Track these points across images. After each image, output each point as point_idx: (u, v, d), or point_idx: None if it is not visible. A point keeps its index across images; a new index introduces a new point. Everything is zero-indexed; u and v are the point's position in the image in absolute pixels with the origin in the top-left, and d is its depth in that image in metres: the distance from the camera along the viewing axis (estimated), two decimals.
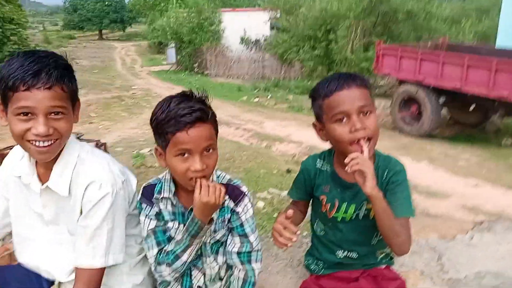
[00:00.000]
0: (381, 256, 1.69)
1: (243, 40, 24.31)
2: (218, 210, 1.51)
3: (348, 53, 16.53)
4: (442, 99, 10.12)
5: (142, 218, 1.54)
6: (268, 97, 15.59)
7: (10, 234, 2.94)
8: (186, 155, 1.37)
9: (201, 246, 1.52)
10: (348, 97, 1.42)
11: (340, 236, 1.65)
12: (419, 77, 9.99)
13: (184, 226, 1.48)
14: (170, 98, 1.42)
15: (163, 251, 1.52)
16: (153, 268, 1.55)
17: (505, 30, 12.26)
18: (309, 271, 1.80)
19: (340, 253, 1.66)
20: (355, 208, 1.60)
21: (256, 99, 15.27)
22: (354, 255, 1.66)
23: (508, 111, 8.94)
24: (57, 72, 1.27)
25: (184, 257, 1.47)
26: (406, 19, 17.39)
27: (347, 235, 1.64)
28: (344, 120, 1.43)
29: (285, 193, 5.84)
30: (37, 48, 14.09)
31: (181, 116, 1.34)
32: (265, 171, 6.97)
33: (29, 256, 1.56)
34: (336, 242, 1.66)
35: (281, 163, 7.70)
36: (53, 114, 1.28)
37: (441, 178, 6.83)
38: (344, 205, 1.60)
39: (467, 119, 11.12)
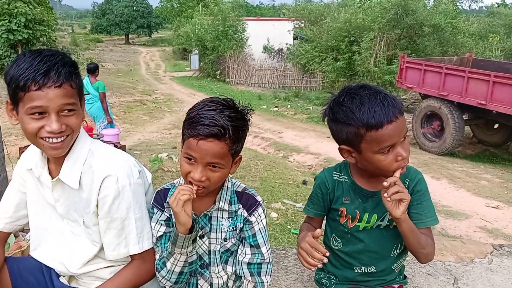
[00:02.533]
0: (397, 273, 1.64)
1: (266, 49, 24.44)
2: (229, 218, 1.50)
3: (371, 65, 16.42)
4: (465, 116, 9.93)
5: (153, 223, 1.53)
6: (288, 106, 15.59)
7: (22, 230, 3.00)
8: (191, 160, 1.37)
9: (194, 260, 1.49)
10: (396, 129, 1.35)
11: (361, 247, 1.60)
12: (443, 93, 9.83)
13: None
14: (209, 101, 1.39)
15: (160, 257, 1.50)
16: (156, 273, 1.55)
17: None
18: (319, 285, 1.76)
19: (358, 269, 1.62)
20: (377, 218, 1.55)
21: (276, 108, 15.27)
22: (372, 269, 1.61)
23: None
24: (66, 70, 1.29)
25: (168, 265, 1.44)
26: (432, 33, 17.20)
27: (369, 245, 1.59)
28: (386, 151, 1.38)
29: (300, 205, 5.79)
30: (56, 48, 14.45)
31: (200, 125, 1.32)
32: (280, 181, 6.94)
33: (45, 248, 1.58)
34: (355, 256, 1.61)
35: (297, 174, 7.65)
36: (65, 111, 1.30)
37: (461, 198, 6.66)
38: (366, 215, 1.56)
39: (491, 138, 10.88)
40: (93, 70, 7.57)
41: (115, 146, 6.47)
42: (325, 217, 1.72)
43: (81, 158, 1.41)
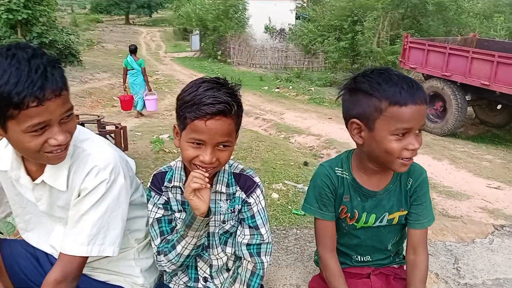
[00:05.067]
0: (394, 256, 1.64)
1: (268, 29, 24.15)
2: (228, 200, 1.48)
3: (374, 45, 16.20)
4: (468, 97, 9.84)
5: (149, 206, 1.51)
6: (290, 88, 15.49)
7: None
8: (199, 144, 1.32)
9: (202, 243, 1.47)
10: (418, 114, 1.28)
11: (357, 242, 1.56)
12: (446, 73, 9.72)
13: None
14: (201, 82, 1.35)
15: (164, 240, 1.50)
16: (155, 258, 1.52)
17: None
18: (319, 267, 1.76)
19: (354, 257, 1.60)
20: (375, 219, 1.50)
21: (277, 90, 15.18)
22: (368, 258, 1.61)
23: None
24: (58, 72, 1.14)
25: (179, 248, 1.43)
26: (436, 13, 16.90)
27: (364, 241, 1.56)
28: (401, 135, 1.29)
29: (301, 185, 5.80)
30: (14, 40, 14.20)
31: (204, 105, 1.27)
32: (282, 162, 6.94)
33: (34, 233, 1.54)
34: (350, 247, 1.60)
35: (298, 155, 7.65)
36: (65, 118, 1.19)
37: (463, 179, 6.65)
38: (364, 215, 1.50)
39: (493, 119, 10.82)
40: (134, 50, 10.09)
41: (116, 127, 6.46)
42: None
43: (68, 157, 1.30)
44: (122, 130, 6.22)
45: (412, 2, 16.69)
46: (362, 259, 1.61)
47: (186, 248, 1.43)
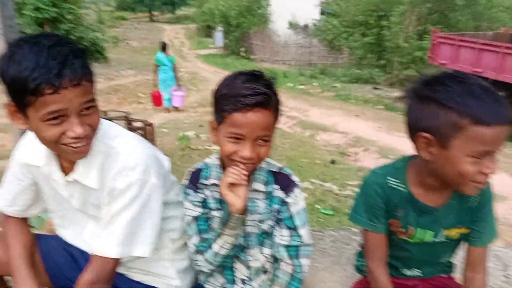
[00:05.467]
0: (444, 267, 1.56)
1: (291, 25, 23.96)
2: (266, 199, 1.43)
3: (400, 41, 15.88)
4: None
5: (186, 204, 1.47)
6: (314, 84, 15.34)
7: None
8: (238, 139, 1.28)
9: (237, 243, 1.43)
10: (502, 136, 1.13)
11: (407, 255, 1.46)
12: (477, 69, 9.43)
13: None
14: (238, 74, 1.32)
15: (201, 239, 1.46)
16: (192, 257, 1.50)
17: None
18: (360, 273, 1.69)
19: (401, 269, 1.50)
20: (431, 235, 1.39)
21: (302, 86, 15.06)
22: (418, 272, 1.51)
23: None
24: (80, 62, 1.11)
25: (215, 247, 1.39)
26: (465, 7, 16.43)
27: (415, 255, 1.46)
28: (479, 157, 1.15)
29: (328, 184, 5.71)
30: (43, 31, 14.48)
31: (242, 96, 1.24)
32: (307, 160, 6.86)
33: (68, 233, 1.54)
34: (399, 259, 1.49)
35: (324, 153, 7.55)
36: (84, 110, 1.15)
37: (500, 180, 6.42)
38: (419, 232, 1.39)
39: None
40: (165, 47, 10.43)
41: (144, 124, 6.51)
42: None
43: (98, 153, 1.28)
44: (149, 127, 6.26)
45: None
46: (410, 273, 1.52)
47: (223, 247, 1.40)
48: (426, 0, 16.51)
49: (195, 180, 1.48)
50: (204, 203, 1.47)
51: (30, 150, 1.37)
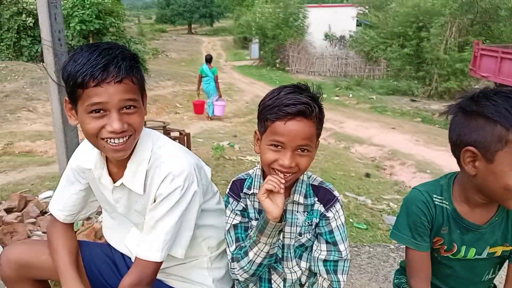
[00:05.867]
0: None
1: (327, 36, 23.91)
2: (305, 212, 1.44)
3: (441, 52, 15.49)
4: None
5: (227, 212, 1.51)
6: (350, 96, 15.18)
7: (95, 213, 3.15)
8: (278, 147, 1.31)
9: (274, 252, 1.43)
10: None
11: (449, 272, 1.44)
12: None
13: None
14: (283, 87, 1.36)
15: (238, 247, 1.47)
16: (229, 265, 1.51)
17: None
18: None
19: None
20: (475, 253, 1.37)
21: (337, 98, 14.94)
22: None
23: None
24: (126, 63, 1.20)
25: (251, 255, 1.39)
26: (509, 17, 15.84)
27: (458, 272, 1.43)
28: None
29: (363, 198, 5.62)
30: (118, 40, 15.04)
31: (285, 106, 1.28)
32: (342, 173, 6.77)
33: (116, 236, 1.61)
34: (440, 278, 1.47)
35: (359, 166, 7.43)
36: (125, 108, 1.22)
37: None
38: (463, 249, 1.37)
39: None
40: (210, 60, 11.11)
41: (180, 134, 6.65)
42: None
43: (145, 161, 1.34)
44: (186, 137, 6.39)
45: (482, 7, 15.80)
46: None
47: (258, 255, 1.40)
48: (468, 11, 16.07)
49: (237, 190, 1.51)
50: (244, 212, 1.50)
51: (84, 154, 1.46)
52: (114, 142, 1.23)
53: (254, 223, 1.50)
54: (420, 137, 9.13)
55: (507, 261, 1.42)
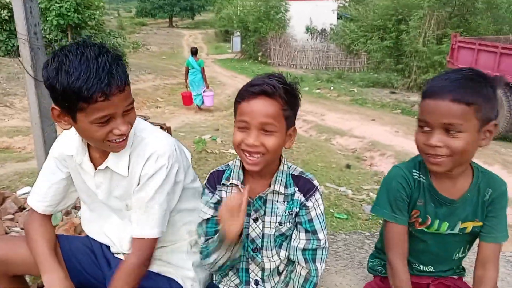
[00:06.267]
0: (455, 268, 1.57)
1: (309, 30, 23.98)
2: (285, 202, 1.46)
3: (419, 45, 15.71)
4: None
5: (201, 204, 1.53)
6: (331, 88, 15.29)
7: (74, 207, 3.13)
8: (244, 128, 1.34)
9: (236, 256, 1.46)
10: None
11: (422, 247, 1.51)
12: (497, 74, 9.26)
13: (249, 217, 1.47)
14: (260, 75, 1.41)
15: (206, 242, 1.49)
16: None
17: None
18: (373, 273, 1.71)
19: (416, 265, 1.55)
20: (447, 227, 1.45)
21: (318, 90, 15.03)
22: (430, 269, 1.55)
23: None
24: (122, 69, 1.25)
25: (212, 258, 1.43)
26: (486, 10, 16.16)
27: (431, 247, 1.51)
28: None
29: (343, 188, 5.70)
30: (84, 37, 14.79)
31: (250, 86, 1.34)
32: (323, 164, 6.84)
33: (95, 227, 1.62)
34: (413, 254, 1.52)
35: (340, 157, 7.53)
36: (127, 110, 1.30)
37: None
38: (437, 223, 1.45)
39: None
40: (195, 52, 11.23)
41: (161, 128, 6.62)
42: None
43: (129, 145, 1.41)
44: (167, 130, 6.38)
45: (460, 0, 16.06)
46: (423, 269, 1.55)
47: (220, 259, 1.43)
48: (446, 4, 16.31)
49: (213, 182, 1.53)
50: (218, 205, 1.50)
51: (65, 142, 1.51)
52: (119, 141, 1.33)
53: None
54: (399, 128, 9.28)
55: (477, 240, 1.48)
